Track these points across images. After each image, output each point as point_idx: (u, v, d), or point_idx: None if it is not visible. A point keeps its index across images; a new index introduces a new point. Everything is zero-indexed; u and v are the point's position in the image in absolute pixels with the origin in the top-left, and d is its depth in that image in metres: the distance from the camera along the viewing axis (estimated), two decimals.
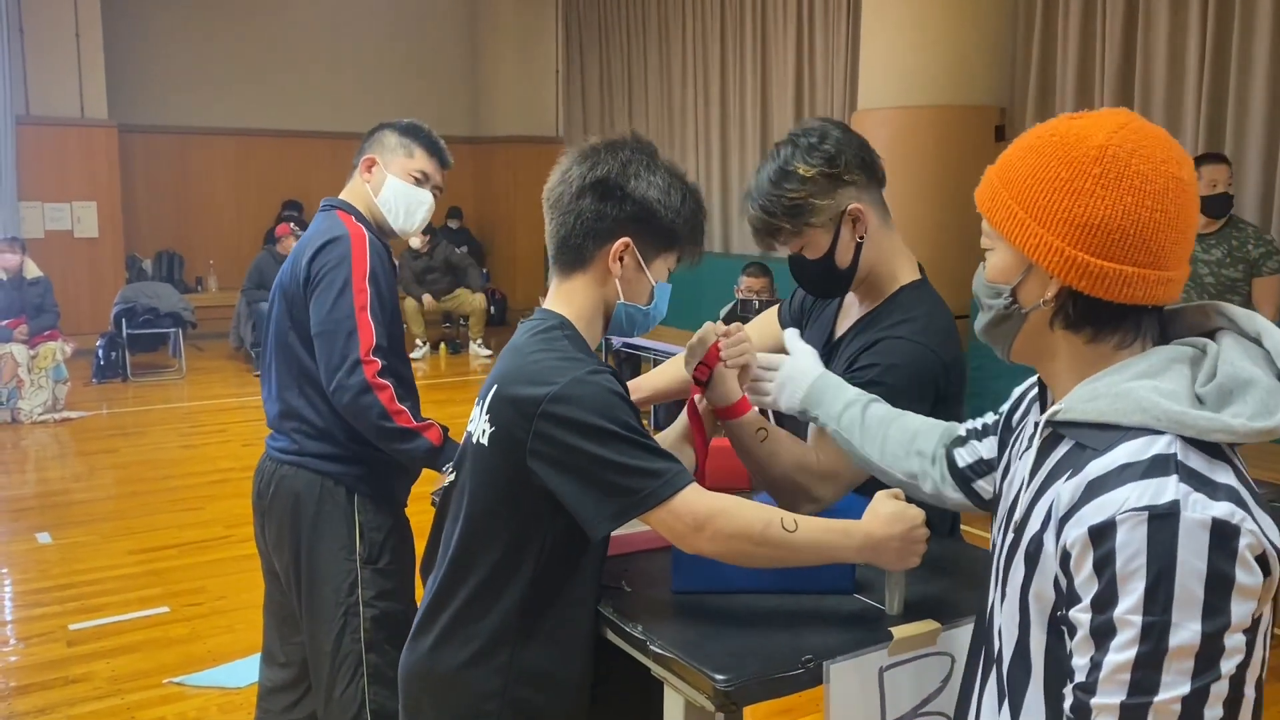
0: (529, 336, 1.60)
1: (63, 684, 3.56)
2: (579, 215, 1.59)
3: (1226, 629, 0.96)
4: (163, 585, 4.44)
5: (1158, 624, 0.96)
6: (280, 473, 2.36)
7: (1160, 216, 1.06)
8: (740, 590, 1.62)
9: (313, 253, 2.30)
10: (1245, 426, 1.01)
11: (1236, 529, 0.97)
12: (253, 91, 11.27)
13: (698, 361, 1.77)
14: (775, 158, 1.83)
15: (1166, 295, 1.08)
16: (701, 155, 9.89)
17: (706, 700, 1.40)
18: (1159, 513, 0.97)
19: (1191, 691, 0.96)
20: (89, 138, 9.79)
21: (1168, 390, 1.04)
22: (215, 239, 11.26)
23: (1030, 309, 1.12)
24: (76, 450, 6.81)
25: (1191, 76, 6.08)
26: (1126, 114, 1.11)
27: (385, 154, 2.44)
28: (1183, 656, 0.96)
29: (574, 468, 1.46)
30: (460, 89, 12.56)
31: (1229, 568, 0.96)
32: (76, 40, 9.63)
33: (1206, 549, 0.96)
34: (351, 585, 2.30)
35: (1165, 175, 1.06)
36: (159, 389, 8.57)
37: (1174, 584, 0.96)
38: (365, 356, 2.21)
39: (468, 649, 1.56)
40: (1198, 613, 0.96)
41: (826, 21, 8.29)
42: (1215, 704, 0.97)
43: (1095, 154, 1.07)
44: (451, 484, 1.66)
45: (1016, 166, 1.12)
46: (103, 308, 9.16)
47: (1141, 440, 1.03)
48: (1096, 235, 1.06)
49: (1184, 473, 0.99)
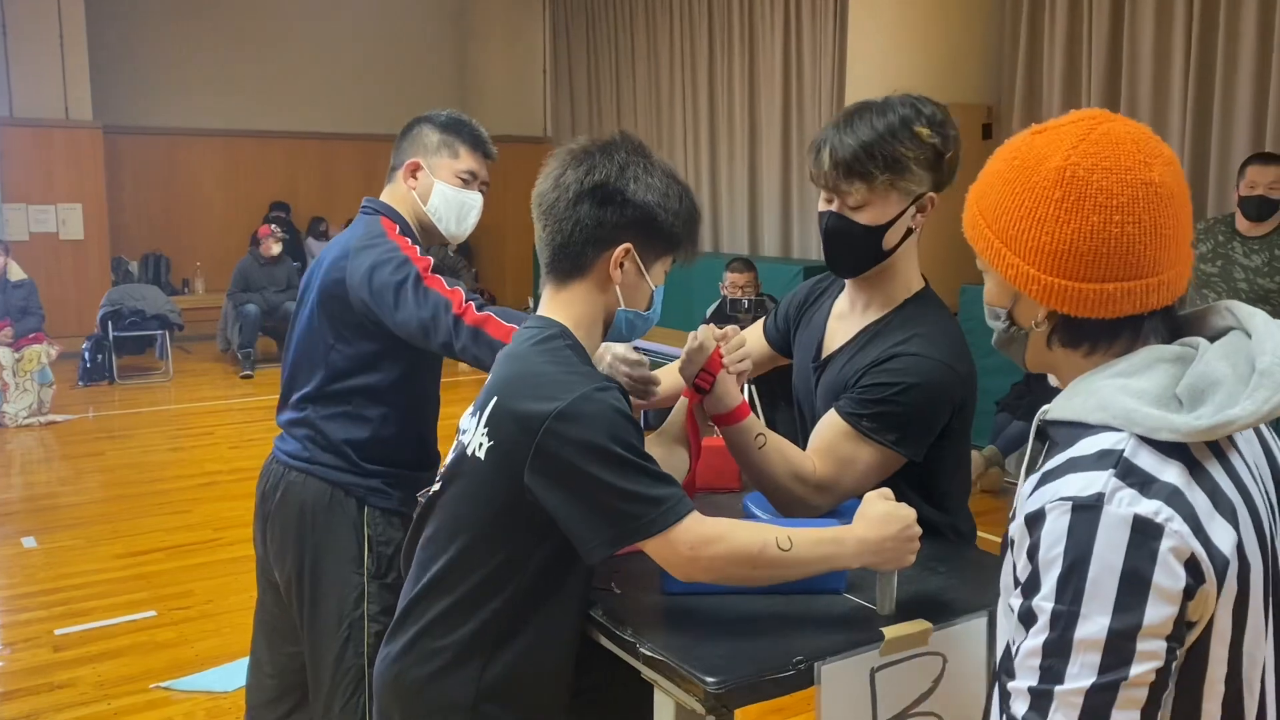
0: (529, 346, 1.55)
1: (48, 690, 3.53)
2: (577, 222, 1.54)
3: (1139, 629, 0.95)
4: (150, 589, 4.41)
5: (1065, 613, 0.96)
6: (288, 478, 2.27)
7: (1133, 228, 1.03)
8: (731, 592, 1.60)
9: (353, 253, 2.15)
10: (1188, 426, 0.99)
11: (1160, 528, 0.96)
12: (239, 92, 11.22)
13: (699, 369, 1.75)
14: (892, 110, 1.71)
15: (1161, 299, 1.06)
16: (690, 153, 9.88)
17: (697, 703, 1.39)
18: (1082, 504, 0.98)
19: (1095, 686, 0.95)
20: (74, 139, 9.73)
21: (1136, 389, 1.03)
22: (202, 241, 11.21)
23: (1029, 330, 1.13)
24: (62, 454, 6.77)
25: (1177, 75, 6.10)
26: (1090, 122, 1.08)
27: (429, 156, 2.30)
28: (1089, 649, 0.95)
29: (575, 489, 1.43)
30: (447, 88, 12.53)
31: (1147, 566, 0.95)
32: (60, 41, 9.58)
33: (1125, 544, 0.96)
34: (358, 599, 2.24)
35: (1132, 184, 1.04)
36: (146, 392, 8.52)
37: (1087, 576, 0.96)
38: (459, 310, 2.04)
39: (437, 660, 1.53)
40: (1108, 607, 0.95)
41: (814, 19, 8.29)
42: (1128, 707, 0.95)
43: (1054, 177, 1.05)
44: (435, 492, 1.62)
45: (989, 195, 1.12)
46: (89, 310, 9.10)
47: (1099, 436, 1.03)
48: (1069, 260, 1.05)
49: (1123, 468, 0.99)
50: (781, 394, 5.89)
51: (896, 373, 1.73)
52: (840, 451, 1.75)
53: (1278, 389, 0.99)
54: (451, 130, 2.33)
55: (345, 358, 2.22)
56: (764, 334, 2.16)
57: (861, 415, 1.73)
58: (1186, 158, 6.06)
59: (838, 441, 1.75)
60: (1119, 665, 0.95)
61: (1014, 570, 1.05)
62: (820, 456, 1.76)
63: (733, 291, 6.09)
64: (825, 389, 1.89)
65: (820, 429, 1.79)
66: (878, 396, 1.72)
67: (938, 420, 1.75)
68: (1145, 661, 0.95)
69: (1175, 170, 1.07)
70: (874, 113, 1.73)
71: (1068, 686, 0.96)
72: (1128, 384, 1.04)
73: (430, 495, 1.63)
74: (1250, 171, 4.25)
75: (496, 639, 1.52)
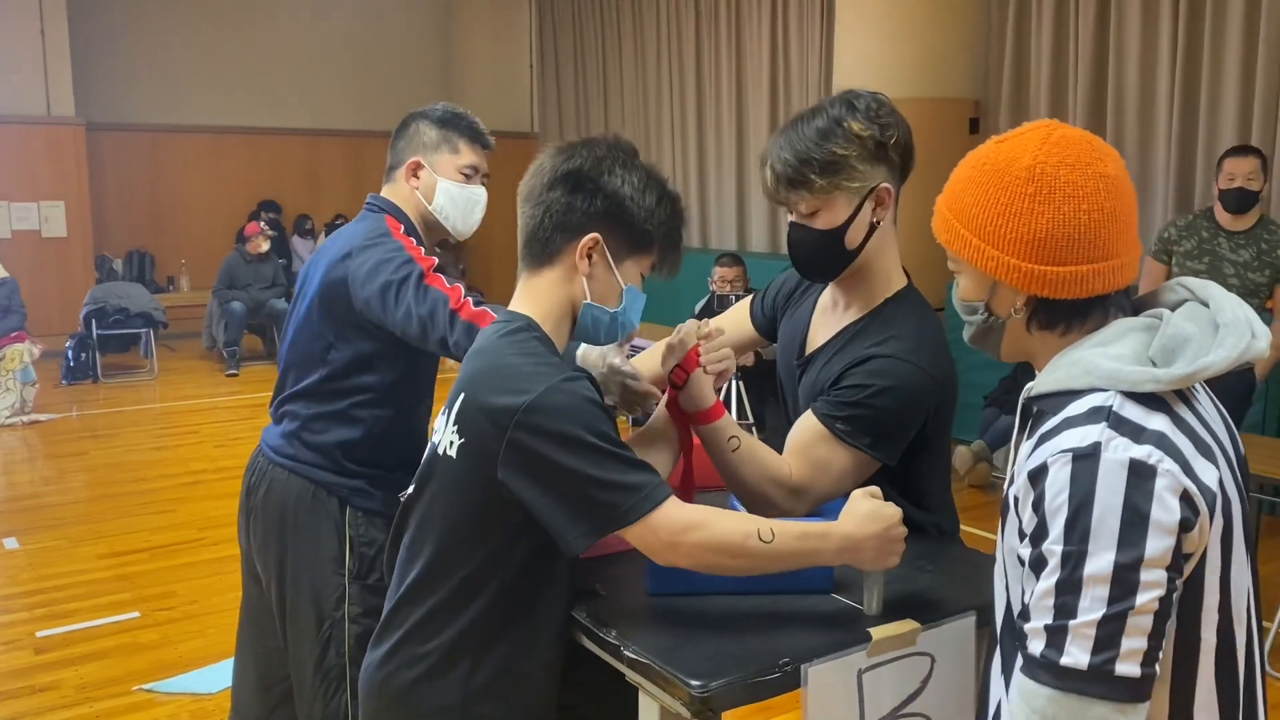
0: (497, 339, 1.54)
1: (29, 693, 3.50)
2: (548, 207, 1.55)
3: (1141, 561, 1.04)
4: (133, 590, 4.38)
5: (1074, 553, 1.06)
6: (273, 474, 2.26)
7: (1098, 215, 1.17)
8: (716, 592, 1.59)
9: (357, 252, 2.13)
10: (1168, 374, 1.11)
11: (1153, 469, 1.07)
12: (223, 88, 11.15)
13: (675, 363, 1.73)
14: (824, 112, 1.71)
15: (1122, 279, 1.20)
16: (678, 149, 9.87)
17: (682, 707, 1.37)
18: (1081, 453, 1.09)
19: (1106, 616, 1.04)
20: (56, 136, 9.66)
21: (1114, 354, 1.16)
22: (187, 238, 11.14)
23: (1006, 318, 1.25)
24: (45, 453, 6.72)
25: (1164, 69, 6.11)
26: (1047, 128, 1.21)
27: (429, 154, 2.28)
28: (1097, 584, 1.05)
29: (550, 481, 1.41)
30: (434, 84, 12.47)
31: (1145, 504, 1.05)
32: (42, 37, 9.50)
33: (1124, 486, 1.06)
34: (339, 599, 2.23)
35: (1094, 177, 1.17)
36: (130, 390, 8.47)
37: (1091, 517, 1.06)
38: (456, 308, 2.03)
39: (422, 664, 1.51)
40: (1113, 544, 1.05)
41: (801, 14, 8.28)
42: (1135, 635, 1.05)
43: (1026, 174, 1.18)
44: (411, 495, 1.60)
45: (962, 198, 1.24)
46: (72, 308, 9.04)
47: (1088, 397, 1.15)
48: (1045, 247, 1.17)
49: (1114, 420, 1.10)
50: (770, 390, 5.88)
51: (871, 375, 1.71)
52: (815, 454, 1.73)
53: (1243, 336, 1.14)
54: (449, 125, 2.30)
55: (344, 356, 2.20)
56: (750, 316, 2.14)
57: (836, 418, 1.71)
58: (1173, 151, 6.07)
59: (813, 443, 1.73)
60: (1126, 595, 1.04)
61: (1019, 526, 1.16)
62: (796, 458, 1.74)
63: (721, 287, 6.08)
64: (806, 389, 1.87)
65: (796, 430, 1.78)
66: (852, 399, 1.71)
67: (911, 424, 1.73)
68: (1149, 590, 1.05)
69: (1123, 166, 1.21)
70: (805, 120, 1.73)
71: (1080, 620, 1.05)
72: (1106, 351, 1.17)
73: (406, 498, 1.60)
74: (1228, 164, 4.26)
75: (483, 640, 1.50)
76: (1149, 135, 6.21)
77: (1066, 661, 1.06)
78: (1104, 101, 6.45)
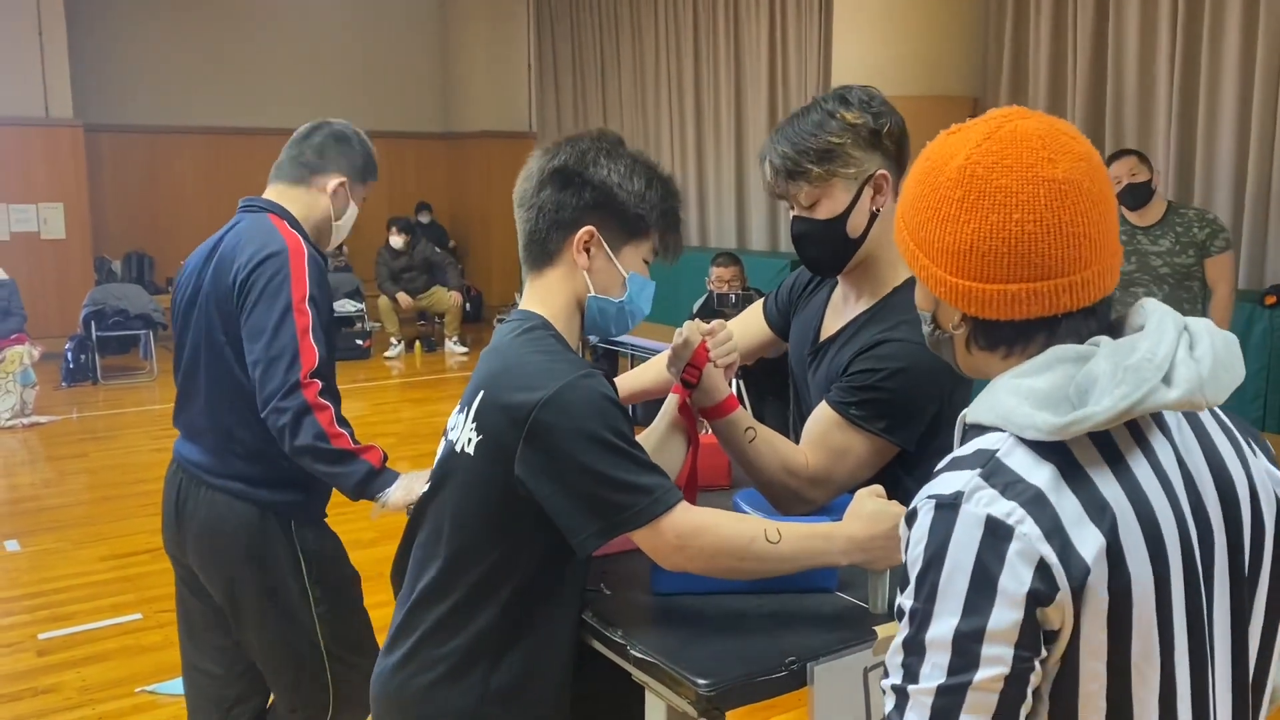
0: (513, 338, 1.55)
1: (31, 695, 3.50)
2: (540, 208, 1.56)
3: (983, 632, 0.93)
4: (135, 591, 4.37)
5: (921, 611, 0.96)
6: (203, 495, 2.24)
7: (1034, 226, 0.99)
8: (721, 591, 1.59)
9: (249, 266, 2.16)
10: (1047, 423, 0.96)
11: (1010, 530, 0.94)
12: (222, 90, 11.14)
13: (685, 363, 1.74)
14: (818, 106, 1.75)
15: (1074, 300, 1.01)
16: (676, 148, 9.87)
17: (689, 705, 1.37)
18: (944, 502, 0.97)
19: (943, 687, 0.94)
20: (54, 138, 9.64)
21: (1027, 388, 0.99)
22: (186, 239, 11.05)
23: (950, 333, 1.11)
24: (46, 455, 6.71)
25: (1163, 66, 6.11)
26: (999, 120, 1.05)
27: (353, 180, 2.37)
28: (938, 649, 0.95)
29: (563, 479, 1.42)
30: (432, 85, 12.48)
31: (995, 568, 0.93)
32: (40, 38, 9.48)
33: (977, 545, 0.95)
34: (303, 604, 2.27)
35: (1033, 181, 1.00)
36: (130, 392, 8.46)
37: (940, 575, 0.95)
38: (305, 378, 2.10)
39: (439, 667, 1.52)
40: (959, 608, 0.94)
41: (799, 12, 8.28)
42: (977, 712, 0.93)
43: (955, 176, 1.03)
44: (427, 494, 1.60)
45: (905, 197, 1.11)
46: (71, 310, 9.03)
47: (986, 437, 1.02)
48: (970, 260, 1.02)
49: (991, 468, 0.98)
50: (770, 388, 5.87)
51: (882, 358, 1.72)
52: (832, 442, 1.73)
53: (1138, 386, 0.95)
54: (370, 160, 2.41)
55: (228, 360, 2.25)
56: (764, 316, 2.16)
57: (849, 403, 1.72)
58: (1172, 148, 6.07)
59: (829, 432, 1.74)
60: (966, 668, 0.94)
61: None
62: (813, 448, 1.74)
63: (719, 286, 6.08)
64: (818, 380, 1.88)
65: (812, 420, 1.78)
66: (864, 383, 1.71)
67: (927, 407, 1.72)
68: (992, 666, 0.93)
69: (1089, 167, 1.02)
70: (800, 115, 1.77)
71: (920, 686, 0.95)
72: (1021, 383, 1.00)
73: (422, 496, 1.61)
74: (1111, 169, 4.49)
75: (499, 643, 1.51)
76: (1148, 132, 6.21)
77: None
78: (1103, 98, 6.46)
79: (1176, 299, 4.37)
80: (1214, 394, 0.99)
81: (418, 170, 12.41)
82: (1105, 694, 0.98)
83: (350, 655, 2.34)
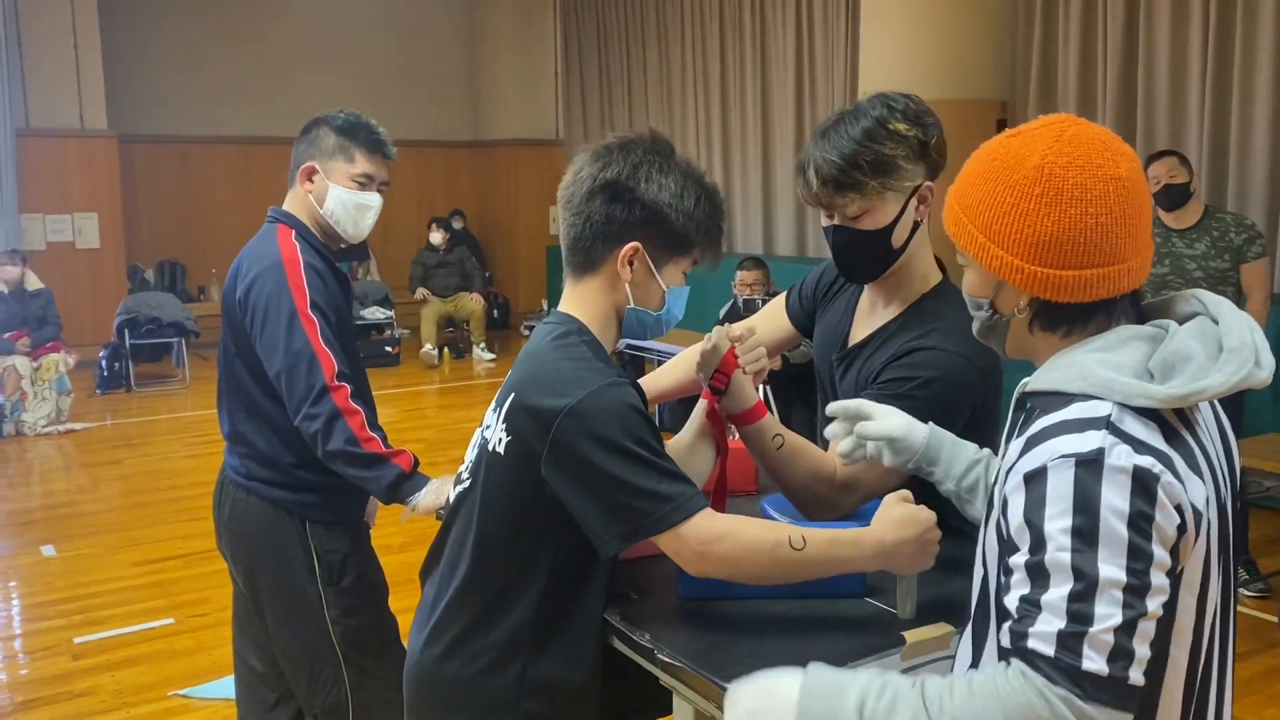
0: (547, 342, 1.57)
1: (68, 698, 3.54)
2: (588, 218, 1.56)
3: (1149, 567, 1.05)
4: (167, 597, 4.42)
5: (1084, 560, 1.05)
6: (234, 494, 2.33)
7: (1106, 219, 1.14)
8: (747, 595, 1.59)
9: (247, 282, 2.21)
10: (1163, 392, 1.10)
11: (1156, 477, 1.07)
12: (253, 99, 11.26)
13: (714, 370, 1.74)
14: (865, 114, 1.71)
15: (1130, 283, 1.18)
16: (703, 155, 9.86)
17: (717, 709, 1.37)
18: (1085, 459, 1.07)
19: (1123, 623, 1.03)
20: (89, 149, 9.78)
21: (1114, 362, 1.14)
22: (217, 247, 11.23)
23: (1009, 317, 1.24)
24: (80, 462, 6.80)
25: (1195, 69, 6.04)
26: (1061, 124, 1.19)
27: (324, 160, 2.30)
28: (1112, 589, 1.04)
29: (587, 484, 1.44)
30: (460, 94, 12.54)
31: (1150, 509, 1.06)
32: (75, 51, 9.62)
33: (1129, 492, 1.06)
34: (316, 606, 2.29)
35: (1103, 179, 1.15)
36: (163, 399, 8.55)
37: (1098, 523, 1.05)
38: (331, 382, 2.12)
39: (480, 661, 1.54)
40: (1123, 550, 1.04)
41: (826, 18, 8.26)
42: (1143, 640, 1.05)
43: (1034, 175, 1.16)
44: (464, 489, 1.62)
45: (970, 194, 1.22)
46: (105, 318, 9.14)
47: (1083, 404, 1.13)
48: (1051, 250, 1.15)
49: (1114, 430, 1.09)
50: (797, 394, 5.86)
51: (916, 366, 1.71)
52: None
53: (1244, 364, 1.12)
54: (348, 134, 2.33)
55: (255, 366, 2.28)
56: (787, 311, 2.14)
57: None
58: (1205, 151, 6.00)
59: None
60: (1139, 602, 1.04)
61: (1004, 529, 1.15)
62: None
63: (743, 291, 6.07)
64: (847, 387, 1.87)
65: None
66: (897, 391, 1.70)
67: (959, 415, 1.71)
68: (1157, 596, 1.05)
69: (1137, 166, 1.19)
70: (848, 122, 1.73)
71: (1097, 628, 1.03)
72: (1105, 358, 1.15)
73: (459, 493, 1.63)
74: (1150, 170, 4.45)
75: (535, 636, 1.53)
76: (1180, 135, 6.15)
77: (1089, 667, 1.03)
78: (1134, 101, 6.39)
79: None
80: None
81: (446, 178, 12.49)
82: (1192, 627, 1.13)
83: (369, 662, 2.34)
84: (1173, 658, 1.12)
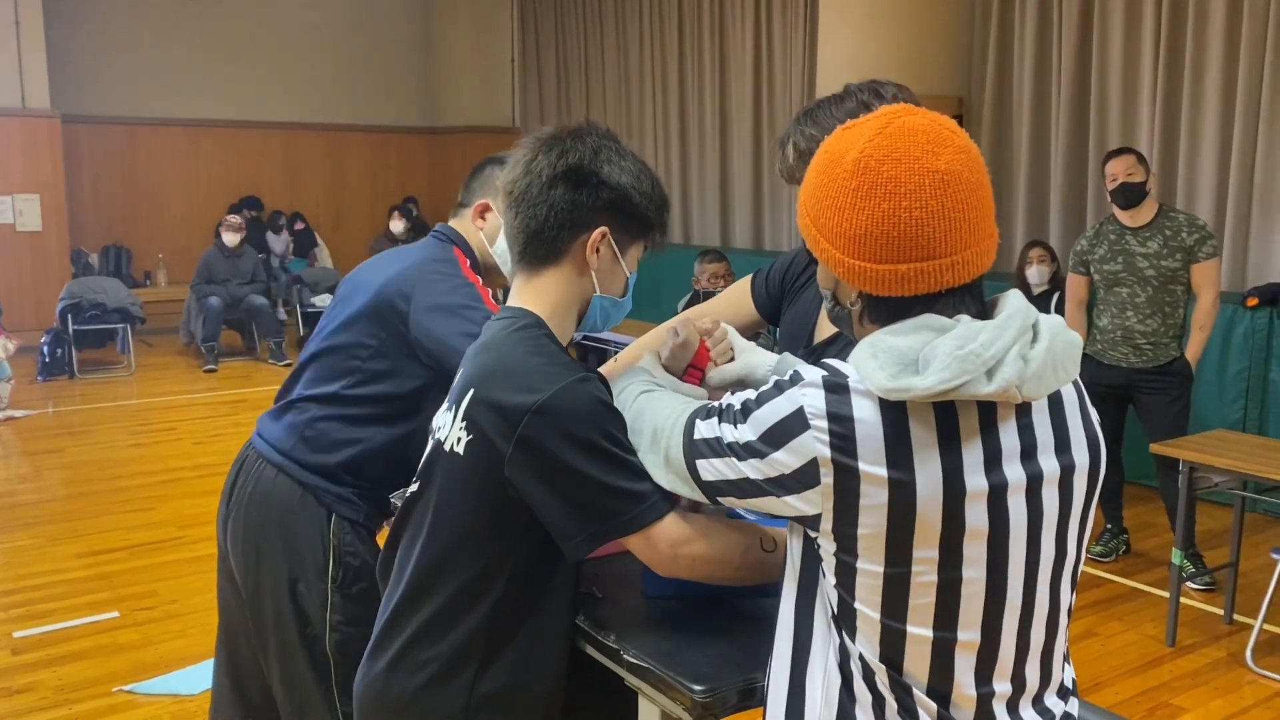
0: (505, 335, 1.51)
1: (7, 695, 3.44)
2: (551, 206, 1.51)
3: (764, 450, 1.19)
4: (112, 589, 4.32)
5: (741, 417, 1.24)
6: (262, 471, 2.23)
7: (921, 213, 1.13)
8: (715, 593, 1.56)
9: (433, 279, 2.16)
10: (879, 383, 1.10)
11: (807, 425, 1.15)
12: (202, 81, 11.05)
13: (687, 365, 1.71)
14: (852, 96, 1.70)
15: (955, 277, 1.15)
16: (661, 145, 9.84)
17: (684, 712, 1.35)
18: (784, 384, 1.20)
19: (736, 444, 1.23)
20: (31, 128, 9.53)
21: (888, 344, 1.13)
22: (164, 232, 11.03)
23: (849, 309, 1.25)
24: (21, 450, 6.62)
25: (1147, 69, 6.13)
26: (889, 116, 1.18)
27: (498, 199, 2.32)
28: (746, 433, 1.23)
29: (556, 482, 1.39)
30: (415, 79, 12.41)
31: (791, 434, 1.17)
32: (16, 28, 9.36)
33: (784, 416, 1.17)
34: (323, 605, 2.21)
35: (919, 172, 1.13)
36: (107, 386, 8.37)
37: (765, 402, 1.20)
38: None
39: (427, 670, 1.48)
40: (763, 427, 1.20)
41: (784, 11, 8.26)
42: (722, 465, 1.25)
43: (850, 169, 1.16)
44: (413, 493, 1.57)
45: (807, 186, 1.23)
46: (47, 303, 8.93)
47: (855, 369, 1.16)
48: (866, 244, 1.15)
49: (838, 389, 1.14)
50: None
51: None
52: None
53: (960, 374, 1.08)
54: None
55: (374, 368, 2.19)
56: (753, 297, 2.11)
57: None
58: (1156, 150, 6.09)
59: None
60: (752, 455, 1.20)
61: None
62: None
63: (713, 283, 6.04)
64: None
65: None
66: None
67: None
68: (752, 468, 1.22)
69: (969, 159, 1.16)
70: (833, 103, 1.73)
71: (730, 435, 1.23)
72: (883, 339, 1.14)
73: (408, 497, 1.57)
74: (1108, 167, 4.53)
75: (487, 646, 1.47)
76: (1132, 134, 6.24)
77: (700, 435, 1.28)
78: (1087, 99, 6.48)
79: (1160, 302, 4.38)
80: (1033, 391, 1.12)
81: (400, 165, 12.35)
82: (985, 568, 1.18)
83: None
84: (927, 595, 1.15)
